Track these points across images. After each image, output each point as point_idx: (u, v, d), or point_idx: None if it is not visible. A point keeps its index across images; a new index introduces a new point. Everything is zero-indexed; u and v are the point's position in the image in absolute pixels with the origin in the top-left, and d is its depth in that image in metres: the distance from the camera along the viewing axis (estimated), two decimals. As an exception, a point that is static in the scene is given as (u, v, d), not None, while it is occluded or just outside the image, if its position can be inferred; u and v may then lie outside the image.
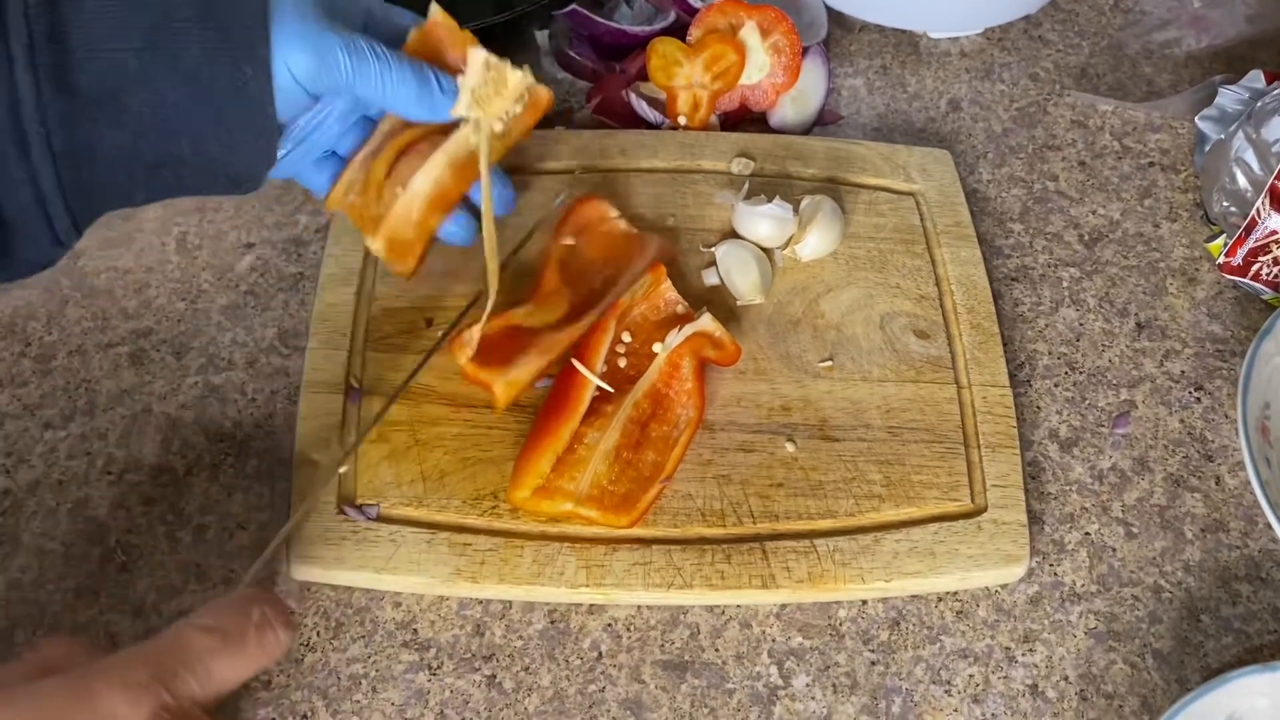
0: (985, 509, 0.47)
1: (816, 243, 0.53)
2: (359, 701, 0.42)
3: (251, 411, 0.50)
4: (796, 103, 0.61)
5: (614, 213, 0.53)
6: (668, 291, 0.50)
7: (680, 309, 0.50)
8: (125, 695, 0.30)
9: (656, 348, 0.48)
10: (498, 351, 0.47)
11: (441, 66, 0.45)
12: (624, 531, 0.45)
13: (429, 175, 0.46)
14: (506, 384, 0.46)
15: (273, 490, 0.47)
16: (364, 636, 0.44)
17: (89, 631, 0.43)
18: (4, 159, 0.36)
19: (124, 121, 0.38)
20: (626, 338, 0.49)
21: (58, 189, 0.38)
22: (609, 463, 0.45)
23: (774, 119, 0.61)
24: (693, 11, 0.61)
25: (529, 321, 0.48)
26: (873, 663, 0.44)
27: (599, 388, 0.47)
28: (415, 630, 0.44)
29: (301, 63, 0.40)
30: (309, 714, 0.42)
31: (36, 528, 0.46)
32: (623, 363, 0.48)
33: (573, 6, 0.61)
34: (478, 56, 0.45)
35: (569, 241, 0.52)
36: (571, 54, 0.62)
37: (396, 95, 0.43)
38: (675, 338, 0.47)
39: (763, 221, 0.53)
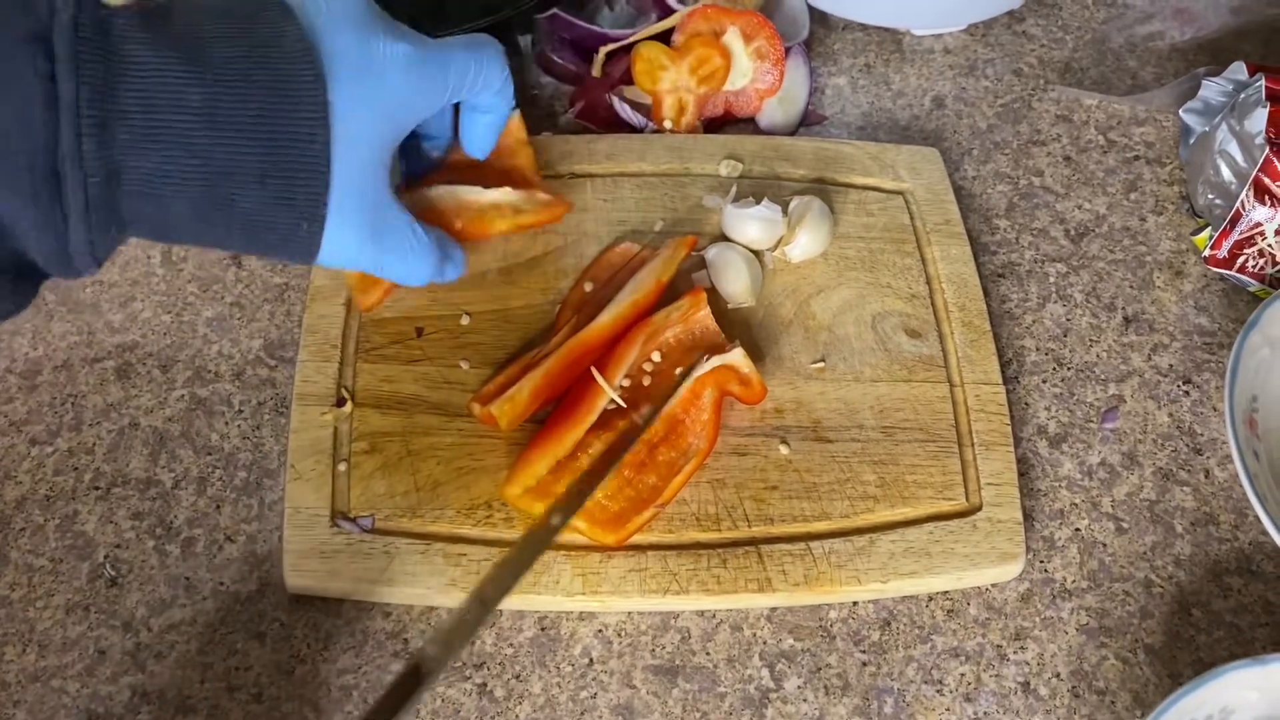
0: (980, 507, 0.47)
1: (806, 243, 0.53)
2: (350, 713, 0.42)
3: (239, 423, 0.49)
4: (784, 104, 0.61)
5: (637, 247, 0.53)
6: (706, 319, 0.50)
7: (716, 339, 0.49)
8: None
9: (680, 372, 0.47)
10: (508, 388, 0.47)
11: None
12: None
13: None
14: (501, 404, 0.46)
15: (261, 502, 0.47)
16: (354, 647, 0.44)
17: (79, 647, 0.43)
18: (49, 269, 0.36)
19: (165, 236, 0.37)
20: (656, 357, 0.48)
21: (92, 261, 0.37)
22: (609, 478, 0.45)
23: (763, 121, 0.61)
24: (672, 14, 0.60)
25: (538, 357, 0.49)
26: (864, 663, 0.44)
27: (613, 401, 0.47)
28: (406, 640, 0.44)
29: (350, 246, 0.40)
30: (303, 727, 0.42)
31: (25, 544, 0.46)
32: (647, 381, 0.48)
33: (554, 11, 0.61)
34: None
35: (589, 287, 0.52)
36: (554, 57, 0.62)
37: (410, 276, 0.44)
38: (701, 367, 0.47)
39: (752, 223, 0.53)
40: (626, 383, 0.48)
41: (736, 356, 0.47)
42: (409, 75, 0.39)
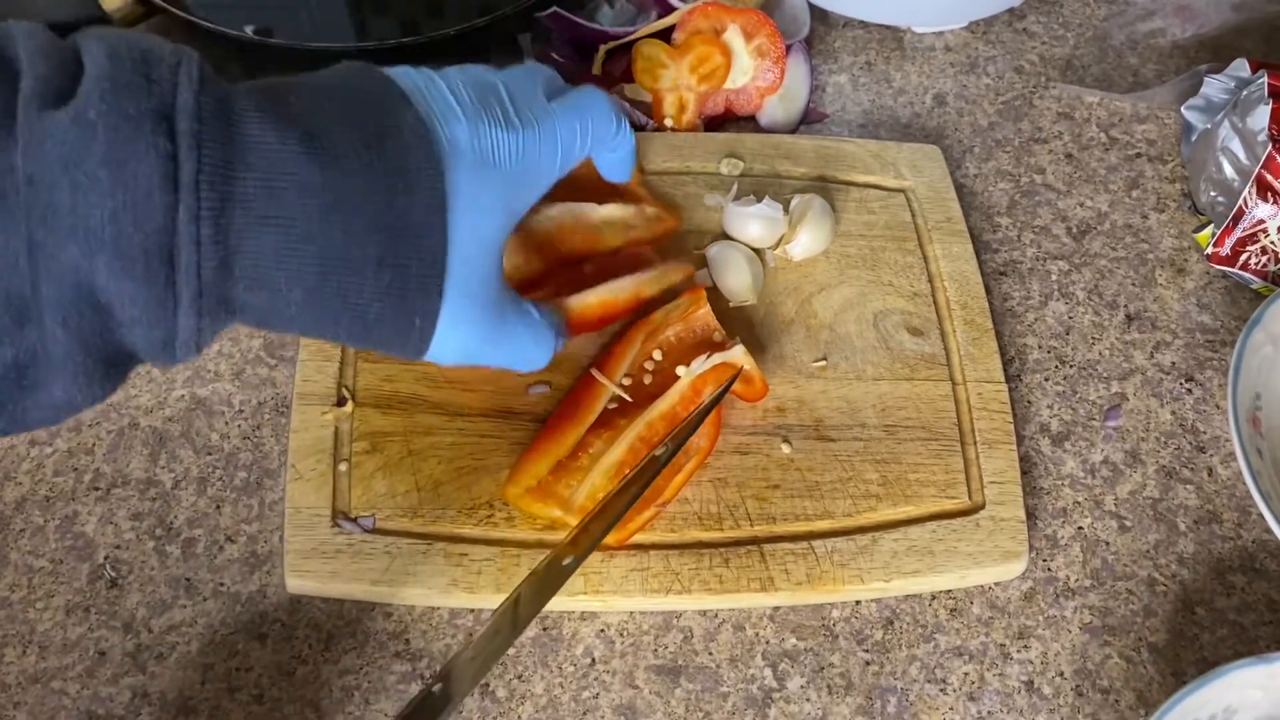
0: (983, 506, 0.47)
1: (807, 242, 0.53)
2: (352, 713, 0.42)
3: (239, 423, 0.49)
4: (785, 101, 0.61)
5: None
6: (706, 317, 0.49)
7: (716, 336, 0.49)
8: None
9: (681, 370, 0.47)
10: None
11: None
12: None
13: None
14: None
15: (261, 502, 0.47)
16: (355, 648, 0.43)
17: (79, 649, 0.43)
18: (150, 355, 0.33)
19: (273, 327, 0.35)
20: (658, 355, 0.48)
21: (195, 349, 0.34)
22: (609, 477, 0.44)
23: (764, 119, 0.61)
24: (672, 12, 0.60)
25: None
26: (867, 663, 0.44)
27: (617, 399, 0.46)
28: (407, 640, 0.44)
29: (463, 342, 0.38)
30: (304, 728, 0.42)
31: (25, 545, 0.45)
32: (648, 379, 0.48)
33: (554, 9, 0.61)
34: None
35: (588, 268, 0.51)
36: (553, 55, 0.62)
37: (527, 364, 0.42)
38: (700, 364, 0.47)
39: (753, 222, 0.53)
40: (627, 381, 0.47)
41: (737, 354, 0.47)
42: (521, 163, 0.38)
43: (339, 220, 0.33)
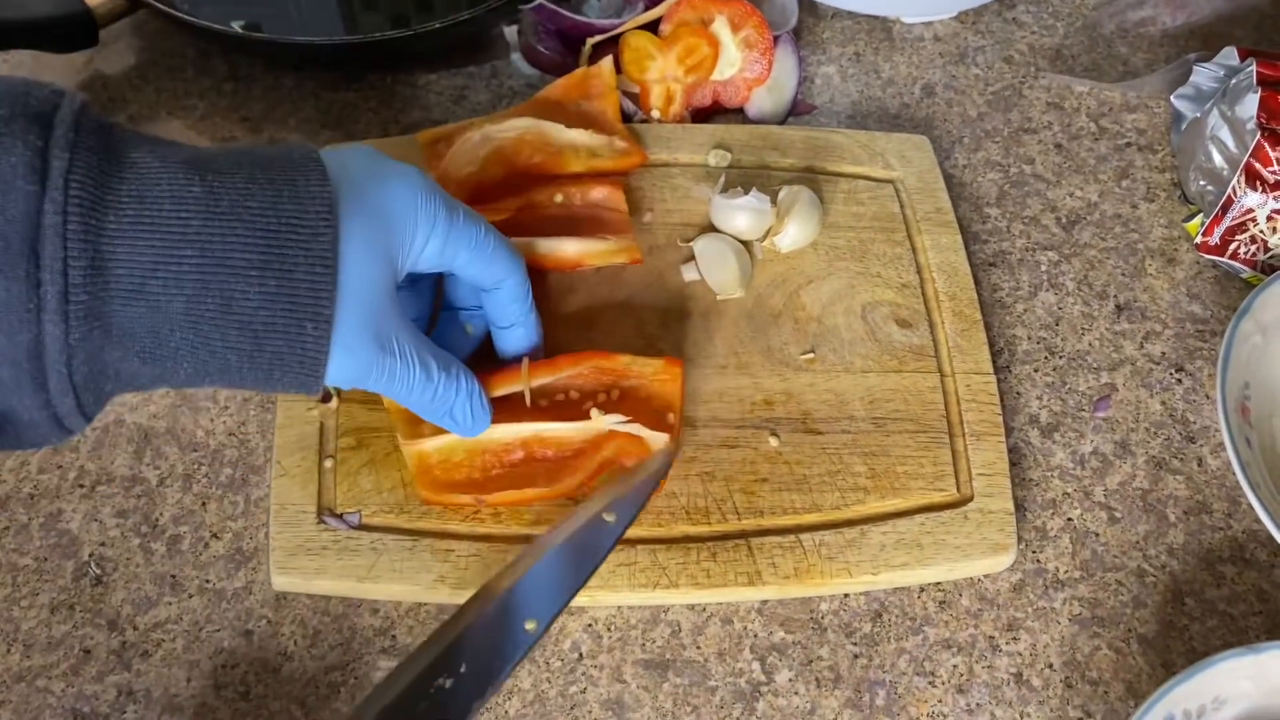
0: (971, 498, 0.47)
1: (795, 234, 0.53)
2: (338, 710, 0.42)
3: (224, 420, 0.49)
4: (773, 93, 0.60)
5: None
6: (674, 395, 0.46)
7: (670, 417, 0.45)
8: None
9: (596, 414, 0.44)
10: None
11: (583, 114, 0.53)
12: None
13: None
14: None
15: (247, 499, 0.47)
16: (342, 644, 0.43)
17: (64, 647, 0.43)
18: (19, 390, 0.31)
19: (158, 356, 0.33)
20: (615, 394, 0.46)
21: (76, 408, 0.33)
22: (466, 449, 0.44)
23: (752, 110, 0.61)
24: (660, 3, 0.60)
25: None
26: (855, 655, 0.44)
27: (532, 399, 0.45)
28: (394, 636, 0.44)
29: (358, 361, 0.37)
30: (290, 725, 0.42)
31: (9, 543, 0.45)
32: (588, 405, 0.45)
33: (540, 1, 0.61)
34: None
35: (559, 198, 0.52)
36: (540, 48, 0.61)
37: (414, 405, 0.41)
38: (615, 420, 0.44)
39: (740, 214, 0.53)
40: (575, 395, 0.45)
41: (659, 439, 0.44)
42: (411, 188, 0.38)
43: (219, 225, 0.32)
